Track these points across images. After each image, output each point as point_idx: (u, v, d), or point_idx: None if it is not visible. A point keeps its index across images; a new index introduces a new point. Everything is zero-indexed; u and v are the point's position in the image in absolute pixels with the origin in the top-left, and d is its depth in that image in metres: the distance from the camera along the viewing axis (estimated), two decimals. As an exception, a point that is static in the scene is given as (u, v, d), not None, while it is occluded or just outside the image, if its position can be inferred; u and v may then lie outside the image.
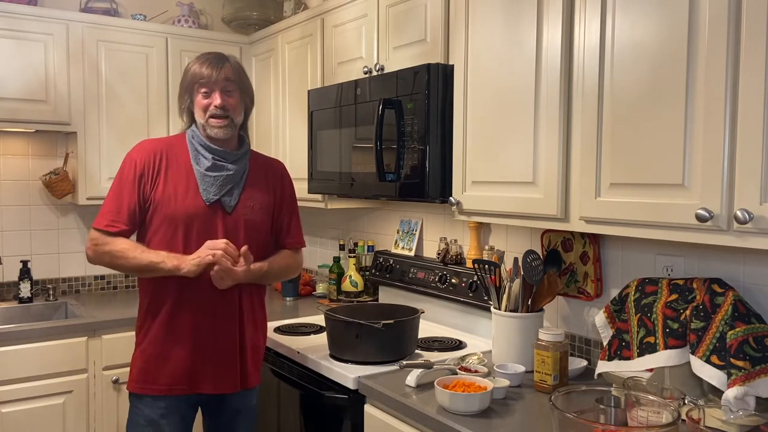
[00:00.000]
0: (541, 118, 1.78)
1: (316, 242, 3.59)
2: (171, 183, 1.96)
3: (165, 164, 1.98)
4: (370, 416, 1.95)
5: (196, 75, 1.95)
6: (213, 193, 1.97)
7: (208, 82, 1.93)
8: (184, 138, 2.03)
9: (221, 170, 1.98)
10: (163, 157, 1.98)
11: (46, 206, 3.36)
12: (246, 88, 2.04)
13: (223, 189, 1.98)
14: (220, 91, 1.94)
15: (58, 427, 2.77)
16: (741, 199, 1.33)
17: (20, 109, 2.94)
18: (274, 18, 3.52)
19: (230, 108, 1.96)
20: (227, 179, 1.99)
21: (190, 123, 2.04)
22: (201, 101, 1.96)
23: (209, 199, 1.96)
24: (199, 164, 1.98)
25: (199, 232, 1.96)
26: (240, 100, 2.01)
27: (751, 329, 1.53)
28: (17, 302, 3.16)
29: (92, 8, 3.34)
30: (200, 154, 1.98)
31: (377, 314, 2.26)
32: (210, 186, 1.96)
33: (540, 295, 2.05)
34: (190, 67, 1.98)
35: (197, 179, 1.97)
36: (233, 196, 2.00)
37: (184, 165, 1.99)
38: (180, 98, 2.03)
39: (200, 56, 2.01)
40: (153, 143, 2.05)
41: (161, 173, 1.97)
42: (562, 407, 1.42)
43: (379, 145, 2.21)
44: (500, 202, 1.92)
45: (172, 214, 1.94)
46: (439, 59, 2.15)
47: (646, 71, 1.51)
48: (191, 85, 1.97)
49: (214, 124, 1.95)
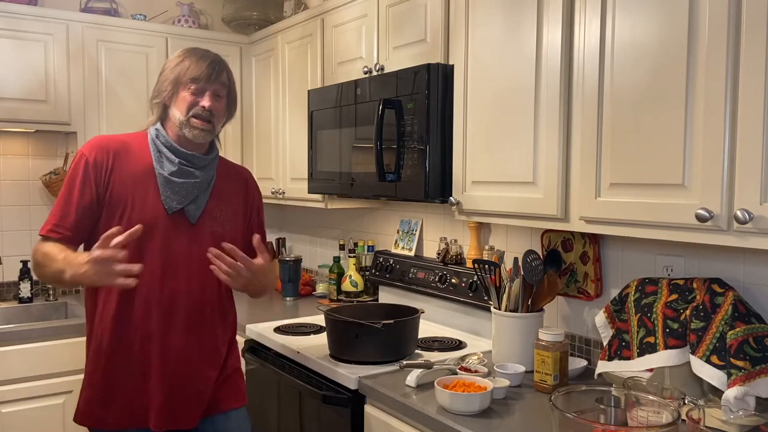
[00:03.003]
0: (541, 118, 1.78)
1: (316, 242, 3.59)
2: (127, 185, 1.75)
3: (120, 163, 1.76)
4: (370, 416, 1.95)
5: (190, 70, 1.76)
6: (176, 201, 1.76)
7: (203, 81, 1.77)
8: (145, 137, 1.82)
9: (188, 177, 1.77)
10: (119, 155, 1.76)
11: (46, 206, 3.35)
12: (234, 98, 1.88)
13: (188, 198, 1.78)
14: (211, 93, 1.78)
15: (58, 427, 2.77)
16: (741, 199, 1.33)
17: (20, 109, 2.94)
18: (274, 18, 3.52)
19: (216, 113, 1.80)
20: (193, 186, 1.78)
21: (158, 119, 1.83)
22: (187, 97, 1.76)
23: (172, 208, 1.76)
24: (162, 167, 1.77)
25: (160, 244, 1.76)
26: (225, 108, 1.85)
27: (751, 329, 1.53)
28: (17, 302, 3.16)
29: (92, 8, 3.34)
30: (164, 156, 1.77)
31: (377, 314, 2.26)
32: (173, 193, 1.76)
33: (540, 295, 2.06)
34: (182, 60, 1.78)
35: (159, 184, 1.76)
36: (198, 205, 1.81)
37: (143, 166, 1.77)
38: (158, 88, 1.81)
39: (193, 51, 1.82)
40: (106, 139, 1.80)
41: (114, 173, 1.75)
42: (562, 407, 1.42)
43: (379, 145, 2.21)
44: (500, 202, 1.92)
45: (129, 220, 1.71)
46: (439, 59, 2.15)
47: (646, 71, 1.51)
48: (179, 80, 1.77)
49: (196, 125, 1.77)
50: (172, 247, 1.78)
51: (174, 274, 1.79)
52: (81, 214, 1.73)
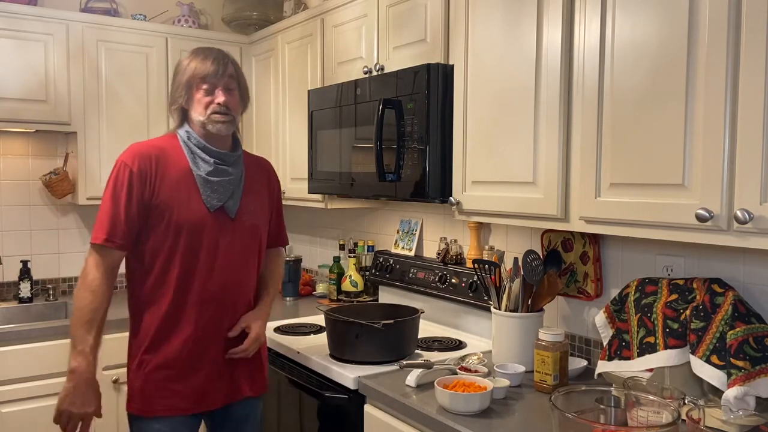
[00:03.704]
0: (541, 118, 1.78)
1: (316, 242, 3.59)
2: (171, 189, 1.83)
3: (162, 168, 1.83)
4: (370, 416, 1.95)
5: (197, 71, 1.84)
6: (216, 199, 1.87)
7: (212, 78, 1.84)
8: (176, 139, 1.90)
9: (223, 174, 1.88)
10: (159, 160, 1.84)
11: (46, 206, 3.36)
12: (245, 88, 1.95)
13: (226, 194, 1.89)
14: (222, 88, 1.85)
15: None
16: (741, 199, 1.33)
17: (20, 109, 2.94)
18: (274, 18, 3.52)
19: (232, 106, 1.87)
20: (229, 183, 1.90)
21: (181, 123, 1.92)
22: (202, 99, 1.85)
23: (213, 206, 1.86)
24: (199, 168, 1.86)
25: (208, 241, 1.86)
26: (239, 99, 1.92)
27: (751, 329, 1.53)
28: (17, 302, 3.16)
29: (92, 8, 3.34)
30: (198, 157, 1.87)
31: (377, 314, 2.26)
32: (212, 192, 1.86)
33: (540, 295, 2.06)
34: (189, 63, 1.87)
35: (198, 184, 1.85)
36: (235, 201, 1.91)
37: (181, 169, 1.85)
38: (173, 95, 1.90)
39: (197, 51, 1.89)
40: (145, 146, 1.87)
41: (158, 178, 1.82)
42: (562, 407, 1.42)
43: (379, 145, 2.21)
44: (500, 202, 1.92)
45: (177, 223, 1.81)
46: (439, 59, 2.15)
47: (646, 71, 1.51)
48: (190, 82, 1.85)
49: (217, 119, 1.84)
50: (218, 242, 1.88)
51: (222, 267, 1.89)
52: (130, 222, 1.81)
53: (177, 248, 1.83)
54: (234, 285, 1.92)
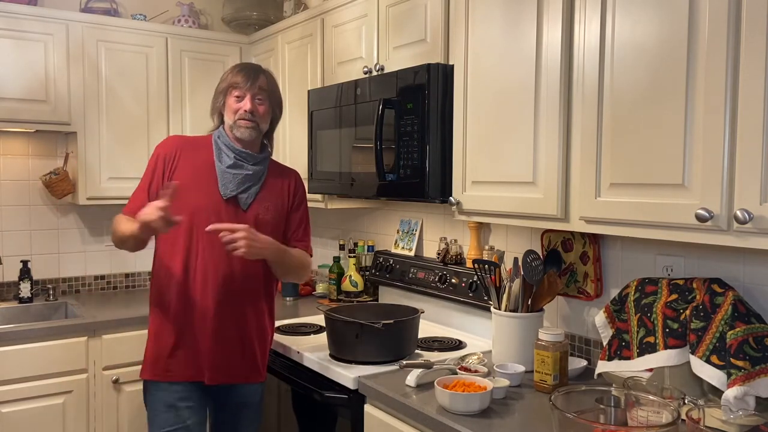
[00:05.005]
0: (541, 118, 1.78)
1: (316, 242, 3.59)
2: (189, 174, 2.07)
3: (185, 156, 2.11)
4: (370, 416, 1.95)
5: (232, 80, 2.10)
6: (231, 188, 2.08)
7: (243, 87, 2.07)
8: (210, 138, 2.16)
9: (241, 169, 2.10)
10: (185, 150, 2.12)
11: (46, 206, 3.36)
12: (277, 101, 2.17)
13: (241, 186, 2.09)
14: (251, 97, 2.08)
15: (58, 427, 2.78)
16: (741, 199, 1.33)
17: (20, 109, 2.94)
18: (274, 18, 3.52)
19: (258, 115, 2.09)
20: (246, 177, 2.10)
21: (219, 124, 2.17)
22: (233, 104, 2.09)
23: (227, 194, 2.07)
24: (221, 161, 2.10)
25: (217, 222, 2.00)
26: (269, 109, 2.14)
27: (751, 329, 1.53)
28: (17, 302, 3.16)
29: (92, 8, 3.33)
30: (223, 153, 2.10)
31: (377, 314, 2.26)
32: (228, 182, 2.08)
33: (540, 295, 2.05)
34: (228, 74, 2.14)
35: (218, 175, 2.08)
36: (249, 194, 2.11)
37: (205, 161, 2.11)
38: (214, 99, 2.18)
39: (237, 64, 2.18)
40: (179, 138, 2.27)
41: (179, 163, 2.09)
42: (562, 407, 1.42)
43: (379, 145, 2.21)
44: (500, 202, 1.92)
45: (184, 203, 1.99)
46: (439, 59, 2.15)
47: (646, 71, 1.51)
48: (226, 89, 2.11)
49: (242, 125, 2.08)
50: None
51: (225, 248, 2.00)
52: (151, 198, 2.05)
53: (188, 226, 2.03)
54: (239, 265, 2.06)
